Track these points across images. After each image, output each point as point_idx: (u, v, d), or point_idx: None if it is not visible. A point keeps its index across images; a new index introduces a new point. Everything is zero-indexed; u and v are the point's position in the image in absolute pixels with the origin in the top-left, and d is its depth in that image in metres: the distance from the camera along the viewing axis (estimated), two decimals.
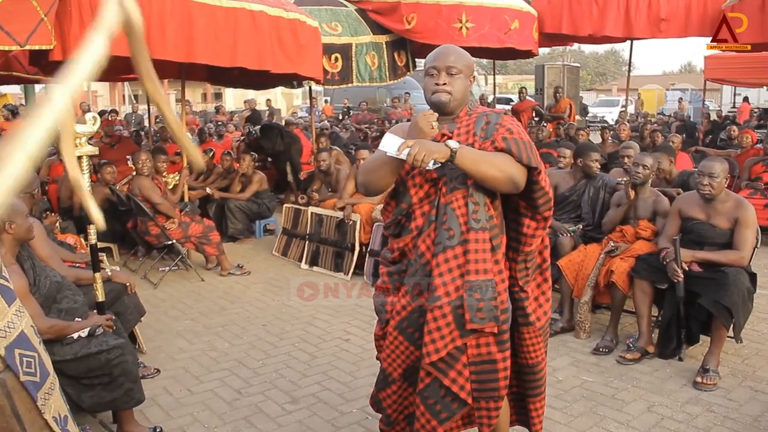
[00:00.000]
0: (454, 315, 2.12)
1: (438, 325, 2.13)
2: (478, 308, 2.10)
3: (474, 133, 2.20)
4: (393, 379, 2.34)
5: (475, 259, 2.12)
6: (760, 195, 6.63)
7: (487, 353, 2.16)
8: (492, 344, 2.15)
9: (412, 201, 2.24)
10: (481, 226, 2.13)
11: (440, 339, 2.13)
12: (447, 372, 2.17)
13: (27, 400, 1.95)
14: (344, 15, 7.27)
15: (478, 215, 2.13)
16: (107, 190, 6.32)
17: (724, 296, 3.55)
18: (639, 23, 8.15)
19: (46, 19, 4.32)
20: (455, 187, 2.16)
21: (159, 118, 15.50)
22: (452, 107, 2.23)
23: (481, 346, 2.16)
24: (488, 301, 2.10)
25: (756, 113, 18.61)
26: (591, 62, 54.32)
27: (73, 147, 1.84)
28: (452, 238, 2.13)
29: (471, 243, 2.12)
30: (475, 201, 2.13)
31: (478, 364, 2.17)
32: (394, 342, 2.28)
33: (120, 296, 3.75)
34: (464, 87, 2.23)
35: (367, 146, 6.38)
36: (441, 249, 2.14)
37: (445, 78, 2.20)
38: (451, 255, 2.13)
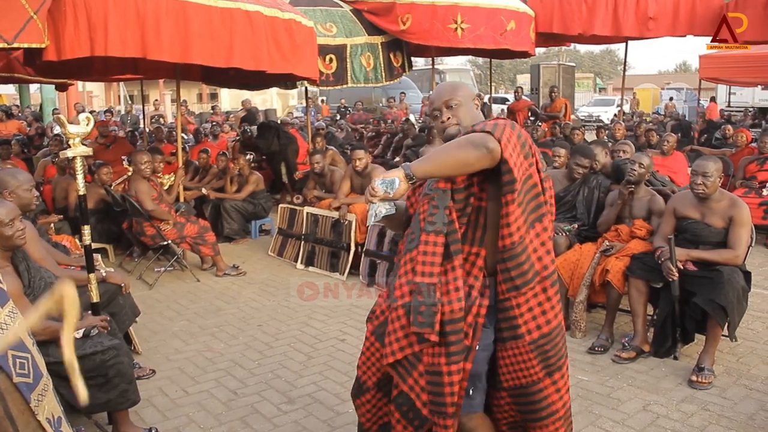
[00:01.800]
0: (407, 317, 2.08)
1: (394, 327, 2.12)
2: (419, 311, 2.04)
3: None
4: (367, 387, 2.32)
5: (423, 261, 2.07)
6: (755, 194, 6.65)
7: (437, 363, 2.06)
8: (442, 354, 2.05)
9: (408, 213, 2.31)
10: (435, 228, 2.07)
11: (396, 341, 2.11)
12: (406, 378, 2.14)
13: (20, 402, 1.95)
14: (339, 16, 7.25)
15: (435, 218, 2.08)
16: (102, 190, 6.30)
17: (719, 295, 3.56)
18: (627, 22, 8.21)
19: (36, 17, 4.30)
20: (425, 193, 2.18)
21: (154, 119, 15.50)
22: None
23: (434, 355, 2.07)
24: (429, 306, 2.03)
25: (751, 112, 18.69)
26: (587, 62, 54.39)
27: (72, 335, 1.84)
28: (413, 241, 2.14)
29: (421, 245, 2.08)
30: (435, 204, 2.10)
31: (429, 374, 2.09)
32: (370, 348, 2.28)
33: (115, 297, 3.74)
34: (468, 113, 2.24)
35: (362, 146, 6.37)
36: (404, 253, 2.17)
37: (447, 113, 2.23)
38: (408, 258, 2.13)
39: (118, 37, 4.69)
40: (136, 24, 4.73)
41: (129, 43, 4.76)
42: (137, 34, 4.76)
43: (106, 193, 6.26)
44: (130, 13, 4.70)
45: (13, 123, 13.27)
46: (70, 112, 15.98)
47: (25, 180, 3.54)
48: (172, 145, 9.04)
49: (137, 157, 5.78)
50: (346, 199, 5.98)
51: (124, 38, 4.72)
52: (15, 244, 2.82)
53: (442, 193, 2.09)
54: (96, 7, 4.58)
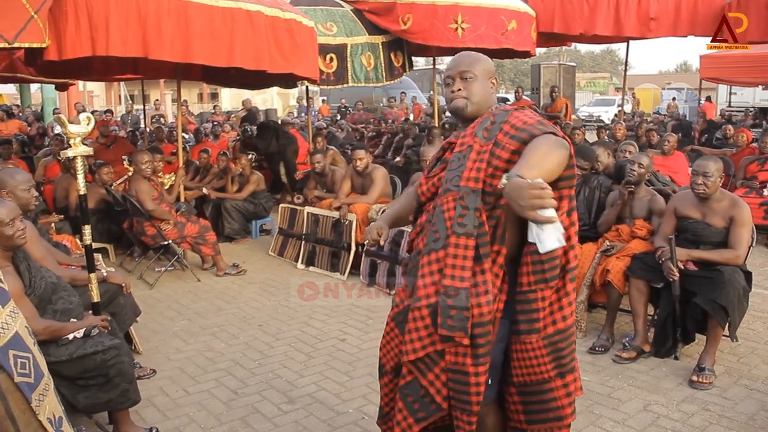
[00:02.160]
0: (432, 318, 2.06)
1: (416, 326, 2.09)
2: (449, 314, 2.01)
3: (474, 134, 2.10)
4: (385, 371, 2.33)
5: (453, 264, 2.03)
6: (756, 194, 6.65)
7: (462, 363, 2.06)
8: (468, 355, 2.05)
9: (420, 200, 2.28)
10: (465, 231, 2.02)
11: (418, 340, 2.09)
12: (425, 373, 2.12)
13: (21, 402, 1.95)
14: (340, 15, 7.26)
15: (465, 220, 2.03)
16: (103, 190, 6.30)
17: (720, 295, 3.56)
18: (629, 22, 8.20)
19: (36, 17, 4.30)
20: (448, 188, 2.09)
21: (155, 118, 15.51)
22: (470, 111, 2.17)
23: (458, 354, 2.06)
24: (460, 310, 2.00)
25: (752, 112, 18.68)
26: (587, 62, 54.38)
27: None
28: (437, 240, 2.09)
29: (451, 248, 2.04)
30: (465, 205, 2.03)
31: (453, 372, 2.08)
32: (390, 333, 2.28)
33: (115, 297, 3.75)
34: (482, 90, 2.17)
35: (363, 146, 6.38)
36: (426, 251, 2.11)
37: (459, 84, 2.17)
38: (434, 258, 2.08)
39: (120, 36, 4.69)
40: (138, 24, 4.73)
41: (130, 43, 4.76)
42: (138, 34, 4.76)
43: (106, 193, 6.27)
44: (132, 12, 4.70)
45: (13, 123, 13.29)
46: (71, 111, 15.98)
47: (23, 180, 3.54)
48: (172, 145, 9.04)
49: (138, 157, 5.78)
50: (346, 199, 5.98)
51: (125, 38, 4.72)
52: (15, 243, 2.82)
53: (472, 193, 2.03)
54: (97, 7, 4.58)
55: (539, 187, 1.62)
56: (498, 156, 2.01)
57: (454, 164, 2.12)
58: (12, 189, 3.46)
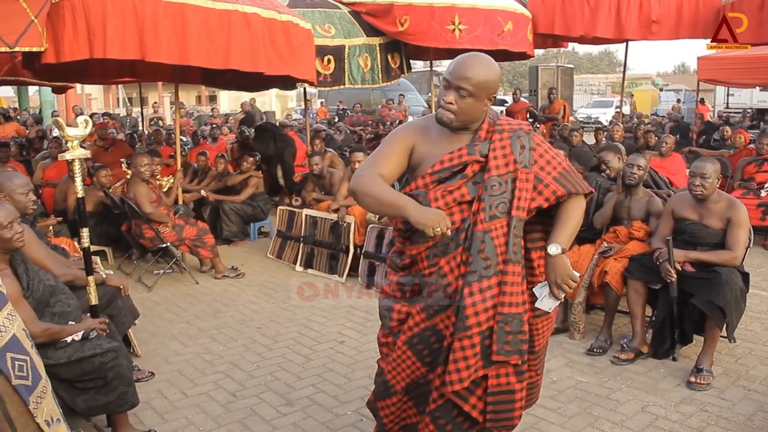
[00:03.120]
0: (481, 345, 2.10)
1: (465, 355, 2.09)
2: (506, 341, 2.09)
3: (515, 161, 2.16)
4: (395, 391, 2.31)
5: (510, 291, 2.10)
6: (753, 195, 6.65)
7: (506, 383, 2.15)
8: (512, 374, 2.15)
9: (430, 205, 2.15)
10: (518, 259, 2.12)
11: (465, 369, 2.10)
12: (467, 398, 2.17)
13: (19, 404, 1.95)
14: (337, 17, 7.27)
15: (517, 248, 2.12)
16: (101, 193, 6.30)
17: (717, 296, 3.56)
18: (630, 25, 8.18)
19: (36, 21, 4.32)
20: (495, 215, 2.11)
21: (153, 121, 15.50)
22: (456, 126, 2.19)
23: (500, 376, 2.15)
24: (516, 335, 2.10)
25: (749, 113, 18.71)
26: (585, 63, 54.47)
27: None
28: (489, 268, 2.09)
29: (509, 275, 2.10)
30: (516, 234, 2.12)
31: (496, 395, 2.15)
32: (402, 356, 2.26)
33: (114, 299, 3.74)
34: (473, 108, 2.15)
35: (361, 148, 6.39)
36: (476, 278, 2.10)
37: (453, 96, 2.12)
38: (486, 285, 2.09)
39: (117, 39, 4.70)
40: (135, 26, 4.74)
41: (127, 45, 4.77)
42: (135, 36, 4.77)
43: (105, 196, 6.26)
44: (128, 15, 4.71)
45: (11, 125, 13.28)
46: (69, 114, 15.98)
47: (21, 183, 3.53)
48: (170, 148, 9.04)
49: (136, 160, 5.78)
50: (344, 201, 5.98)
51: (122, 40, 4.73)
52: (13, 246, 2.82)
53: (520, 222, 2.13)
54: (94, 10, 4.59)
55: (575, 280, 2.11)
56: (540, 191, 2.17)
57: (497, 189, 2.13)
58: (9, 192, 3.46)
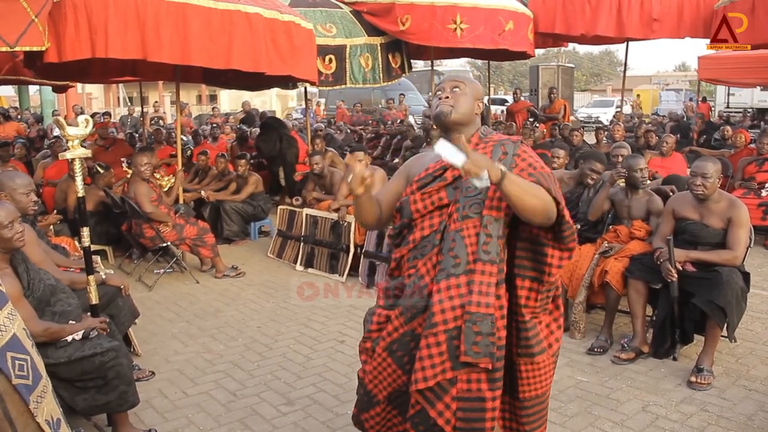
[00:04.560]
0: (448, 345, 2.05)
1: (430, 353, 2.06)
2: (474, 341, 2.03)
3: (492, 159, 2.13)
4: (378, 401, 2.27)
5: (479, 290, 2.05)
6: (754, 195, 6.66)
7: (477, 389, 2.07)
8: (483, 381, 2.07)
9: (412, 216, 2.22)
10: (490, 258, 2.07)
11: (430, 368, 2.06)
12: (434, 403, 2.09)
13: (19, 404, 1.94)
14: (339, 16, 7.27)
15: (489, 247, 2.07)
16: (102, 192, 6.30)
17: (718, 296, 3.56)
18: (631, 23, 8.18)
19: (37, 20, 4.32)
20: (468, 215, 2.11)
21: (153, 120, 15.50)
22: (453, 119, 2.20)
23: (471, 381, 2.07)
24: (486, 336, 2.03)
25: (750, 113, 18.70)
26: (586, 63, 54.41)
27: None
28: (458, 266, 2.08)
29: (477, 274, 2.06)
30: (489, 233, 2.08)
31: (465, 401, 2.07)
32: (381, 364, 2.23)
33: (114, 299, 3.74)
34: (468, 104, 2.22)
35: (362, 148, 6.38)
36: (444, 276, 2.09)
37: (449, 93, 2.23)
38: (454, 283, 2.07)
39: (119, 38, 4.70)
40: (136, 26, 4.74)
41: (129, 45, 4.78)
42: (137, 36, 4.77)
43: (105, 195, 6.26)
44: (130, 15, 4.71)
45: (11, 125, 13.26)
46: (69, 114, 15.98)
47: (23, 183, 3.53)
48: (171, 147, 9.04)
49: (137, 159, 5.78)
50: (345, 201, 5.98)
51: (124, 40, 4.73)
52: (14, 246, 2.82)
53: (495, 222, 2.09)
54: (96, 10, 4.60)
55: (477, 167, 1.93)
56: None
57: (472, 191, 2.12)
58: (11, 192, 3.46)
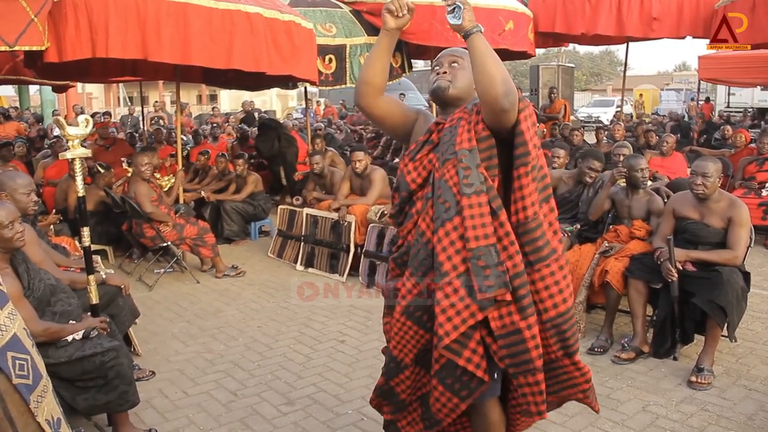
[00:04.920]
0: (466, 288, 1.98)
1: (452, 302, 1.99)
2: (484, 275, 1.95)
3: (464, 109, 2.13)
4: (405, 365, 2.23)
5: (473, 225, 1.98)
6: (754, 194, 6.66)
7: (510, 323, 1.99)
8: (514, 313, 1.99)
9: (410, 188, 2.19)
10: (474, 190, 2.00)
11: (456, 315, 1.99)
12: (461, 352, 2.03)
13: (20, 403, 1.94)
14: (339, 16, 7.26)
15: (470, 179, 2.00)
16: (102, 192, 6.30)
17: (719, 295, 3.56)
18: (631, 22, 8.19)
19: (36, 19, 4.31)
20: (446, 158, 2.07)
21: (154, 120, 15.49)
22: (451, 94, 2.18)
23: (503, 317, 2.00)
24: (494, 267, 1.96)
25: (750, 112, 18.70)
26: (586, 62, 54.39)
27: None
28: (449, 210, 2.02)
29: (466, 209, 1.99)
30: (465, 166, 2.02)
31: (505, 336, 2.00)
32: (402, 328, 2.18)
33: (114, 299, 3.74)
34: (467, 79, 2.17)
35: (362, 148, 6.38)
36: (440, 223, 2.04)
37: (446, 68, 2.19)
38: (450, 227, 2.01)
39: (119, 38, 4.70)
40: (137, 25, 4.74)
41: (130, 45, 4.77)
42: (138, 36, 4.77)
43: (105, 195, 6.26)
44: (131, 14, 4.71)
45: (11, 125, 13.25)
46: (70, 113, 15.98)
47: (24, 184, 3.53)
48: (171, 147, 9.04)
49: (137, 159, 5.78)
50: (345, 201, 5.98)
51: (124, 40, 4.73)
52: (14, 246, 2.82)
53: (469, 153, 2.03)
54: (97, 9, 4.59)
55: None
56: (478, 111, 2.06)
57: (446, 137, 2.11)
58: (11, 192, 3.46)
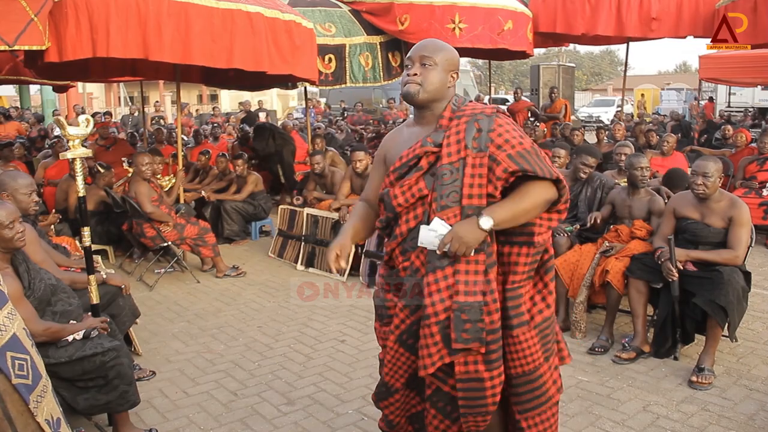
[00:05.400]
0: (441, 335, 2.08)
1: (427, 343, 2.10)
2: (464, 329, 2.04)
3: (465, 146, 2.08)
4: (396, 389, 2.31)
5: (465, 280, 2.06)
6: (755, 194, 6.65)
7: (474, 371, 2.10)
8: (480, 363, 2.09)
9: (396, 211, 2.20)
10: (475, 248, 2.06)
11: (428, 357, 2.11)
12: (446, 380, 2.17)
13: (19, 403, 1.94)
14: (338, 16, 7.27)
15: None
16: (102, 192, 6.30)
17: (719, 295, 3.56)
18: (630, 22, 8.22)
19: (36, 19, 4.31)
20: (446, 205, 2.08)
21: (154, 120, 15.50)
22: (421, 99, 2.15)
23: (468, 363, 2.10)
24: (475, 323, 2.04)
25: (751, 112, 18.68)
26: (586, 62, 54.38)
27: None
28: (442, 258, 2.07)
29: (462, 264, 2.06)
30: None
31: (465, 381, 2.12)
32: (395, 356, 2.25)
33: (115, 298, 3.74)
34: (438, 80, 2.14)
35: (363, 148, 6.37)
36: (431, 269, 2.09)
37: (417, 69, 2.14)
38: (441, 275, 2.07)
39: (120, 38, 4.69)
40: (138, 25, 4.74)
41: (130, 44, 4.77)
42: (139, 35, 4.76)
43: (106, 195, 6.26)
44: (132, 14, 4.70)
45: (11, 125, 13.24)
46: (70, 113, 15.98)
47: (25, 184, 3.53)
48: (172, 147, 9.04)
49: (138, 159, 5.78)
50: (346, 201, 5.98)
51: (125, 39, 4.72)
52: (15, 246, 2.82)
53: (477, 209, 2.06)
54: (97, 9, 4.59)
55: (466, 255, 2.04)
56: (498, 176, 2.05)
57: (447, 178, 2.09)
58: (13, 192, 3.46)
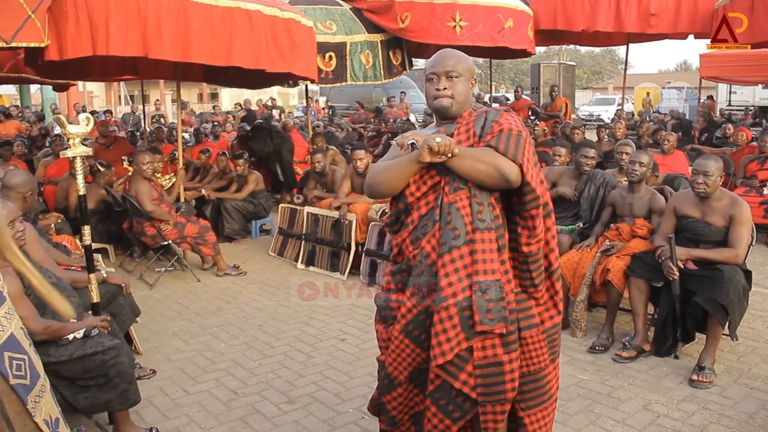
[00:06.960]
0: (460, 317, 2.08)
1: (444, 327, 2.09)
2: (487, 309, 2.06)
3: (474, 133, 2.20)
4: (399, 382, 2.31)
5: (483, 259, 2.09)
6: (755, 192, 6.64)
7: (493, 355, 2.11)
8: (498, 346, 2.11)
9: (407, 201, 2.25)
10: (486, 225, 2.11)
11: (446, 342, 2.09)
12: (457, 375, 2.13)
13: (17, 404, 1.93)
14: (339, 14, 7.26)
15: (483, 215, 2.12)
16: (103, 190, 6.30)
17: (720, 294, 3.55)
18: (629, 18, 8.29)
19: (34, 16, 4.30)
20: (458, 187, 2.14)
21: (155, 118, 15.49)
22: (455, 111, 2.24)
23: (487, 348, 2.11)
24: (497, 302, 2.08)
25: (751, 111, 18.65)
26: (587, 60, 54.33)
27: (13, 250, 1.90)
28: (458, 237, 2.11)
29: (477, 243, 2.10)
30: (479, 201, 2.12)
31: (484, 367, 2.11)
32: (399, 346, 2.25)
33: (115, 297, 3.74)
34: (465, 90, 2.24)
35: (363, 146, 6.37)
36: (447, 249, 2.12)
37: (445, 83, 2.22)
38: (457, 255, 2.10)
39: (120, 36, 4.69)
40: (138, 23, 4.74)
41: (130, 43, 4.77)
42: (138, 34, 4.76)
43: (106, 194, 6.26)
44: (132, 12, 4.70)
45: (11, 123, 13.23)
46: (71, 112, 15.97)
47: (24, 183, 3.53)
48: (172, 145, 9.03)
49: (139, 158, 5.77)
50: (346, 199, 5.98)
51: (125, 37, 4.72)
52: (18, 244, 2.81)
53: (481, 190, 2.13)
54: (97, 7, 4.59)
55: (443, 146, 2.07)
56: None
57: None
58: (13, 192, 3.46)
